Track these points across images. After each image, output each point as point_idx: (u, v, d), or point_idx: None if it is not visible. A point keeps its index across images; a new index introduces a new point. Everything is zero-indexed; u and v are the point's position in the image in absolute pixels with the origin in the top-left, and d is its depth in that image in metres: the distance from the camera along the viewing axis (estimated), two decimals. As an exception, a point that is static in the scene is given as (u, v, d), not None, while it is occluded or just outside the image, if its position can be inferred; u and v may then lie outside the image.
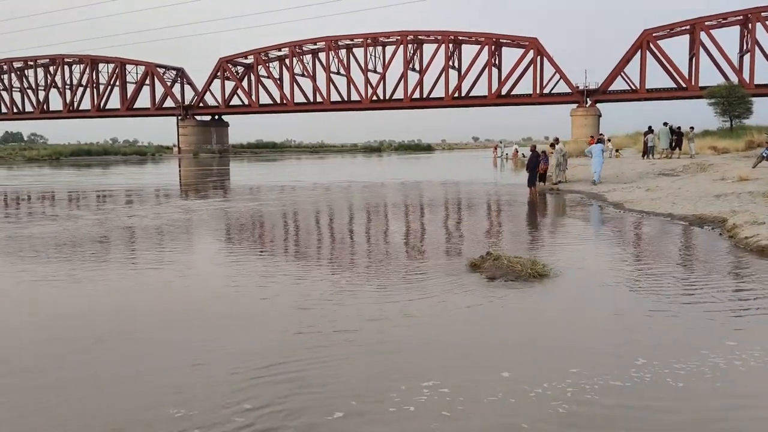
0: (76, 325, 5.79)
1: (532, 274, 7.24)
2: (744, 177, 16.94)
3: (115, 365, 4.69)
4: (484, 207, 16.65)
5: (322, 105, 75.09)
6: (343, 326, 5.60)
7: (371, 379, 4.37)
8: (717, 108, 40.98)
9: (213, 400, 3.99)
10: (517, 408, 3.88)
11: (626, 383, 4.22)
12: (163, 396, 4.09)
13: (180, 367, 4.61)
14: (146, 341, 5.29)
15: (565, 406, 3.88)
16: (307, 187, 24.39)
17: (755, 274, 7.54)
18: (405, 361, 4.73)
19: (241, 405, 3.92)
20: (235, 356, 4.79)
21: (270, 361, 4.69)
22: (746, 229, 9.90)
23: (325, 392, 4.12)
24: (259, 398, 4.01)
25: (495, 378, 4.35)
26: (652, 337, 5.21)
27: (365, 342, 5.17)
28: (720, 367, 4.48)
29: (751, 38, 56.53)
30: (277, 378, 4.36)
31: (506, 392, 4.10)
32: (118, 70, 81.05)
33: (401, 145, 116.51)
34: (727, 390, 4.14)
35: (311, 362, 4.66)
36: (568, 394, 4.05)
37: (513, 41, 67.06)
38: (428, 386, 4.19)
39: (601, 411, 3.83)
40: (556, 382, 4.23)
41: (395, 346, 5.08)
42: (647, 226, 12.13)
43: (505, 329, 5.59)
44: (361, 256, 9.23)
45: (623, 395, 4.04)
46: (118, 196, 20.84)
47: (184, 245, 10.61)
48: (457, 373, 4.47)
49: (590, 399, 3.99)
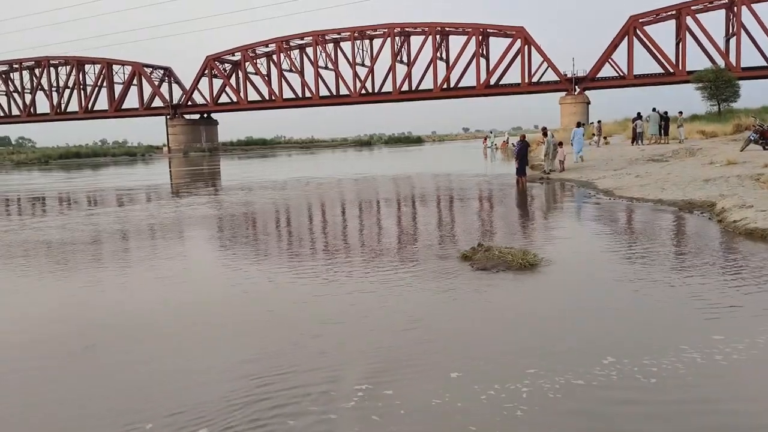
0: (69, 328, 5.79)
1: (523, 264, 7.30)
2: (732, 161, 17.06)
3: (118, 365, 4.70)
4: (475, 198, 16.69)
5: (311, 100, 74.85)
6: (329, 317, 5.76)
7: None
8: (704, 92, 41.15)
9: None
10: (466, 410, 3.76)
11: (591, 382, 4.07)
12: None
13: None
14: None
15: (523, 407, 3.76)
16: (303, 182, 24.35)
17: (745, 258, 7.62)
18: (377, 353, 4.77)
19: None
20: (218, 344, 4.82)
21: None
22: (734, 213, 9.99)
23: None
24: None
25: (442, 378, 4.24)
26: (632, 331, 5.12)
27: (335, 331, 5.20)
28: (696, 363, 4.35)
29: (736, 21, 56.68)
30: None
31: (453, 395, 3.97)
32: (105, 70, 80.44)
33: (391, 138, 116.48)
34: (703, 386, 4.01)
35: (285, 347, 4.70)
36: (523, 395, 3.94)
37: (500, 31, 67.03)
38: (361, 389, 4.11)
39: (557, 416, 3.66)
40: (510, 382, 4.10)
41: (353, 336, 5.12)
42: (637, 212, 12.21)
43: (479, 323, 5.53)
44: (355, 249, 9.24)
45: (584, 397, 3.90)
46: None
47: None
48: (405, 373, 4.41)
49: (551, 399, 3.86)
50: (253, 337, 5.31)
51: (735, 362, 4.33)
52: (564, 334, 5.08)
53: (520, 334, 5.15)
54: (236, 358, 4.77)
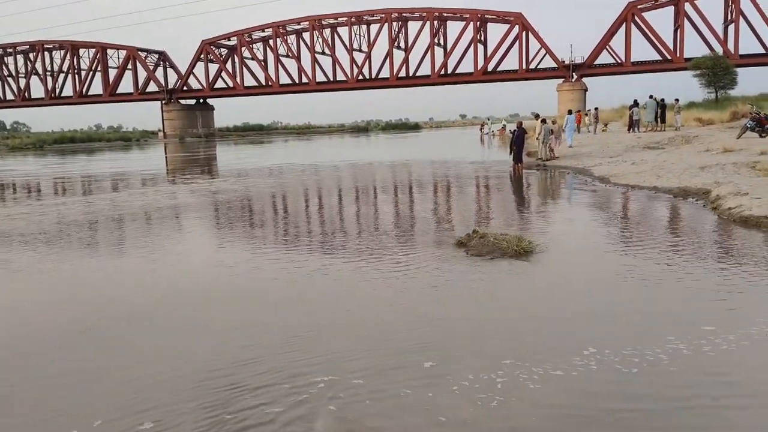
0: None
1: (518, 251, 7.30)
2: (728, 148, 17.08)
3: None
4: (472, 184, 16.68)
5: (307, 86, 74.45)
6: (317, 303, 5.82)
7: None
8: (702, 79, 41.04)
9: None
10: (435, 399, 3.73)
11: (571, 373, 4.03)
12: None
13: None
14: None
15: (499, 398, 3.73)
16: (303, 169, 24.30)
17: (739, 246, 7.65)
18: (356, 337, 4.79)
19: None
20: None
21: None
22: (729, 200, 10.01)
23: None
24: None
25: (416, 366, 4.22)
26: (618, 320, 5.08)
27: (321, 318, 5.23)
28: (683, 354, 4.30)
29: (735, 8, 56.44)
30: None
31: (426, 382, 3.96)
32: (100, 55, 79.74)
33: (388, 124, 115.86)
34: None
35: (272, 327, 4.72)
36: (498, 385, 3.88)
37: (498, 17, 66.62)
38: (324, 380, 4.02)
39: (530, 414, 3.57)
40: (485, 373, 4.06)
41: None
42: (632, 199, 12.23)
43: (467, 310, 5.49)
44: (352, 237, 9.25)
45: (563, 387, 3.84)
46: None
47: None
48: (381, 357, 4.40)
49: (530, 390, 3.82)
50: (246, 332, 5.33)
51: (723, 353, 4.27)
52: (548, 324, 5.04)
53: (503, 323, 5.11)
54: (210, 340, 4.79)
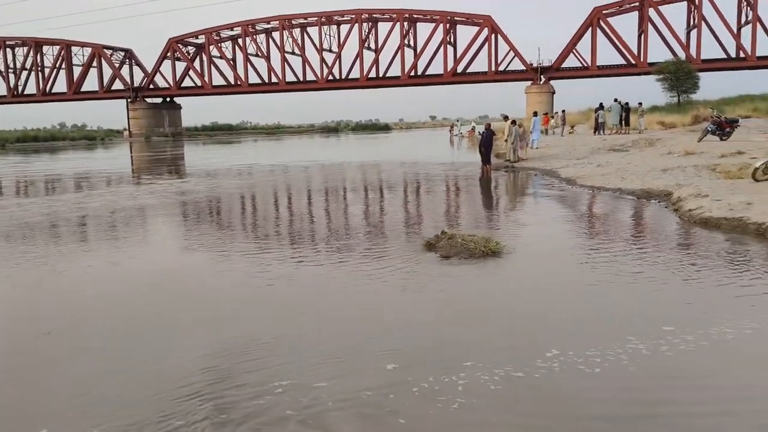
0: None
1: (486, 251, 7.37)
2: (690, 151, 17.52)
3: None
4: (441, 185, 16.78)
5: (277, 86, 73.88)
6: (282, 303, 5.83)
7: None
8: (665, 84, 42.01)
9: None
10: (395, 402, 3.73)
11: (533, 374, 4.05)
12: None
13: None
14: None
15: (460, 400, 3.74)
16: (271, 169, 24.11)
17: (700, 248, 7.86)
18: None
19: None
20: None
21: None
22: (690, 202, 10.27)
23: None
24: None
25: (378, 370, 4.19)
26: (582, 321, 5.15)
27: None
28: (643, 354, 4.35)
29: (697, 14, 57.84)
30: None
31: (386, 384, 3.93)
32: (64, 52, 77.87)
33: (358, 125, 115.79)
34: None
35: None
36: (459, 387, 3.88)
37: (467, 19, 67.11)
38: (283, 384, 3.98)
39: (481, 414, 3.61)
40: (446, 375, 4.06)
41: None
42: (598, 201, 12.46)
43: (432, 311, 5.51)
44: (320, 239, 9.21)
45: (520, 386, 3.88)
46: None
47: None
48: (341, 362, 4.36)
49: (491, 391, 3.83)
50: (210, 331, 5.27)
51: (681, 353, 4.33)
52: (511, 325, 5.09)
53: (468, 325, 5.12)
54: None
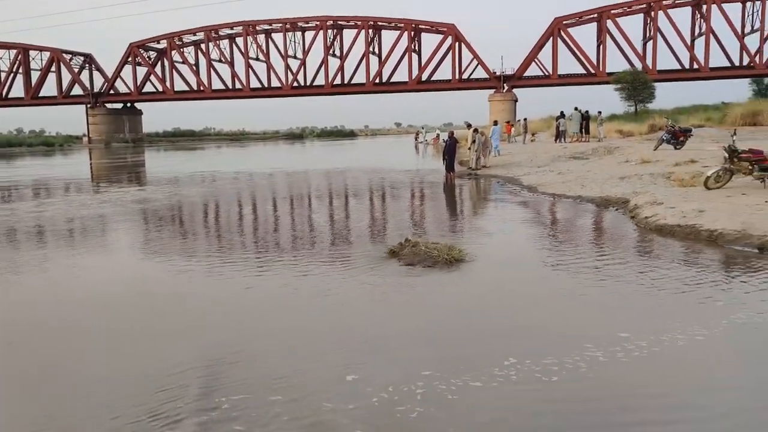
0: None
1: (449, 259, 7.45)
2: (646, 159, 18.01)
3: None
4: (406, 193, 16.88)
5: (241, 92, 73.18)
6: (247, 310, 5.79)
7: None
8: (623, 93, 43.18)
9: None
10: (355, 412, 3.73)
11: (491, 383, 4.08)
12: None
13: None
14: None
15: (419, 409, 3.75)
16: (235, 177, 23.87)
17: (654, 254, 8.10)
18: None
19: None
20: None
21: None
22: (646, 209, 10.57)
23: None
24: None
25: (336, 380, 4.18)
26: (541, 328, 5.23)
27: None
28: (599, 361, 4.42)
29: (653, 26, 59.65)
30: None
31: (344, 396, 3.93)
32: (21, 56, 75.75)
33: (324, 131, 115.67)
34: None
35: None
36: (417, 397, 3.90)
37: (432, 27, 67.76)
38: (237, 398, 3.93)
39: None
40: (404, 384, 4.06)
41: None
42: (559, 209, 12.72)
43: (393, 320, 5.53)
44: (283, 248, 9.18)
45: (480, 396, 3.90)
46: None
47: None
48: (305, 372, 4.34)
49: (448, 400, 3.85)
50: (181, 341, 5.21)
51: (636, 359, 4.43)
52: (472, 334, 5.11)
53: (428, 334, 5.13)
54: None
